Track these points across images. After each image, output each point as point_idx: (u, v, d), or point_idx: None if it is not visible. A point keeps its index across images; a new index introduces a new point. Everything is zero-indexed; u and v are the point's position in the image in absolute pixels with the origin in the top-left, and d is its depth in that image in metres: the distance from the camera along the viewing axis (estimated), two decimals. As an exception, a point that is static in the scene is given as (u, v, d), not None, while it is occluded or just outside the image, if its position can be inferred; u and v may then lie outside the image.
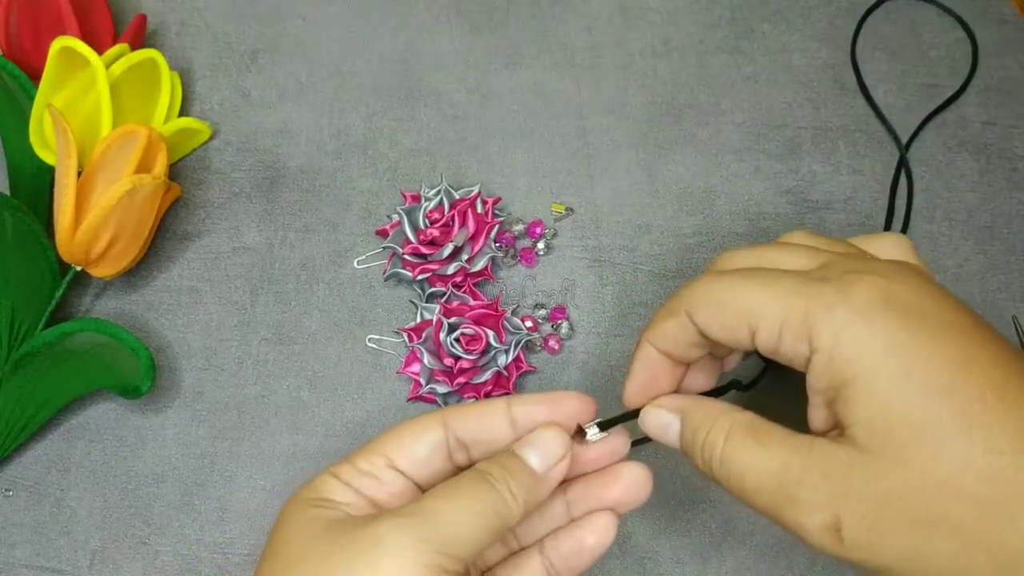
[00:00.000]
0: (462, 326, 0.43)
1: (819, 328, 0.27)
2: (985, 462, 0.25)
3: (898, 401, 0.26)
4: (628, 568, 0.41)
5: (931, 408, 0.25)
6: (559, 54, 0.53)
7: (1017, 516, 0.25)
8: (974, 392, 0.25)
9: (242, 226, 0.48)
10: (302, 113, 0.51)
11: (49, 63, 0.45)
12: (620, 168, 0.49)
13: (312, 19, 0.54)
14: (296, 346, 0.45)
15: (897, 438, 0.26)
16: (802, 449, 0.27)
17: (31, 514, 0.42)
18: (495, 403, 0.31)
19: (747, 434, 0.29)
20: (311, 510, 0.28)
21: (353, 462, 0.30)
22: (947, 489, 0.25)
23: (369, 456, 0.30)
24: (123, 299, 0.46)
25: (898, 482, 0.26)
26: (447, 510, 0.27)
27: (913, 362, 0.26)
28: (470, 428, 0.30)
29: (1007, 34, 0.53)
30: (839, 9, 0.54)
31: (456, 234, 0.44)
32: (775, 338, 0.28)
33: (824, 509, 0.26)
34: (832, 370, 0.27)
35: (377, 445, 0.30)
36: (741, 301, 0.28)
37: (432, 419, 0.30)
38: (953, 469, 0.25)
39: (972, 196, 0.49)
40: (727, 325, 0.29)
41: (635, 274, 0.47)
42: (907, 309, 0.27)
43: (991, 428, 0.25)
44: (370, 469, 0.29)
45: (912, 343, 0.26)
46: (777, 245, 0.32)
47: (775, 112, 0.51)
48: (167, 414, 0.44)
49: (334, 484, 0.29)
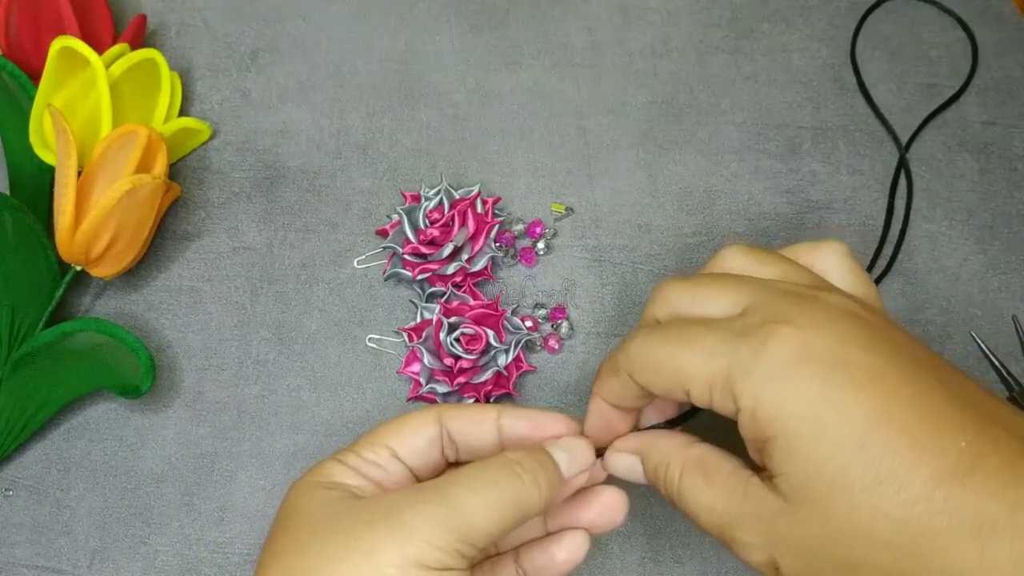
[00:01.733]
0: (462, 326, 0.43)
1: (739, 389, 0.28)
2: (899, 513, 0.26)
3: (813, 458, 0.27)
4: (628, 568, 0.41)
5: (845, 464, 0.26)
6: (559, 54, 0.53)
7: (933, 560, 0.26)
8: (887, 443, 0.26)
9: (242, 226, 0.48)
10: (302, 113, 0.51)
11: (49, 63, 0.45)
12: (620, 168, 0.49)
13: (312, 19, 0.54)
14: (296, 346, 0.45)
15: (815, 492, 0.27)
16: (739, 492, 0.29)
17: (31, 514, 0.42)
18: (487, 409, 0.32)
19: (697, 473, 0.30)
20: (325, 491, 0.29)
21: (357, 451, 0.31)
22: (865, 538, 0.26)
23: (373, 446, 0.31)
24: (123, 299, 0.46)
25: (819, 531, 0.27)
26: (470, 499, 0.28)
27: (828, 417, 0.27)
28: (462, 429, 0.32)
29: (1007, 34, 0.53)
30: (839, 9, 0.54)
31: (456, 234, 0.44)
32: (707, 396, 0.29)
33: (761, 550, 0.28)
34: (755, 428, 0.28)
35: (380, 436, 0.31)
36: (671, 364, 0.29)
37: (430, 414, 0.32)
38: (869, 520, 0.26)
39: (972, 196, 0.49)
40: (662, 386, 0.30)
41: (635, 274, 0.47)
42: (824, 362, 0.27)
43: (903, 480, 0.26)
44: (374, 458, 0.30)
45: (827, 399, 0.27)
46: (707, 280, 0.32)
47: (775, 112, 0.51)
48: (167, 414, 0.44)
49: (341, 469, 0.30)
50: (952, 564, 0.26)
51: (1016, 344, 0.45)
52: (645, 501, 0.42)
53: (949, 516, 0.25)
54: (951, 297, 0.47)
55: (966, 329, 0.46)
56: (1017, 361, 0.45)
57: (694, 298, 0.31)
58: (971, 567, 0.25)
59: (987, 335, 0.45)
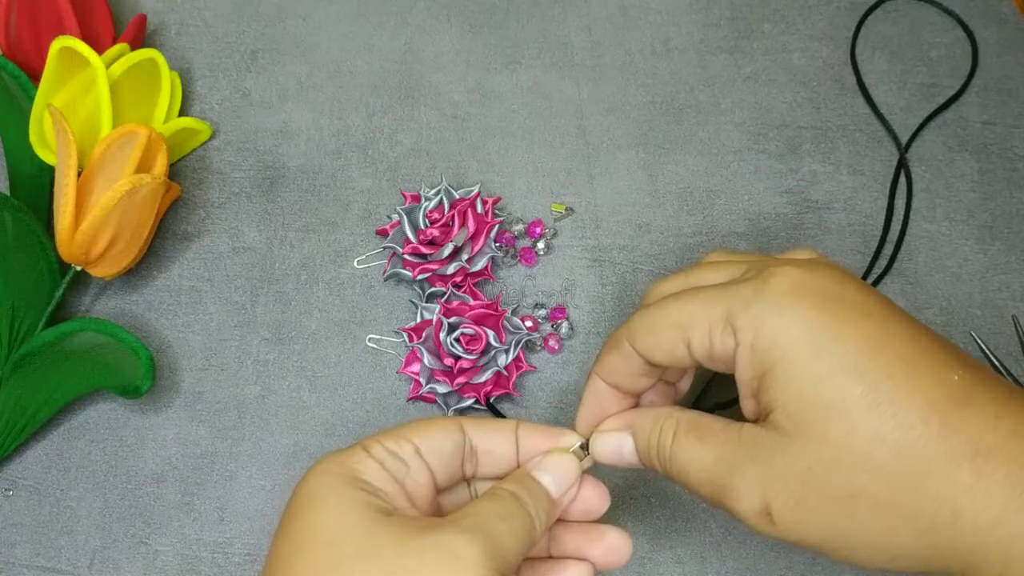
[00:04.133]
0: (462, 326, 0.43)
1: (739, 323, 0.28)
2: (896, 436, 0.26)
3: (812, 383, 0.27)
4: (628, 568, 0.41)
5: (842, 387, 0.27)
6: (559, 54, 0.53)
7: (929, 485, 0.26)
8: (884, 369, 0.27)
9: (242, 226, 0.48)
10: (302, 113, 0.51)
11: (49, 63, 0.45)
12: (620, 168, 0.49)
13: (312, 19, 0.54)
14: (296, 346, 0.45)
15: (812, 418, 0.27)
16: (733, 439, 0.29)
17: (31, 514, 0.42)
18: (507, 422, 0.32)
19: (689, 431, 0.30)
20: (357, 492, 0.28)
21: (382, 442, 0.30)
22: (862, 464, 0.27)
23: (398, 440, 0.30)
24: (123, 299, 0.46)
25: (816, 461, 0.27)
26: (505, 531, 0.28)
27: (826, 344, 0.27)
28: (484, 438, 0.32)
29: (1007, 34, 0.53)
30: (839, 9, 0.54)
31: (456, 234, 0.44)
32: (707, 343, 0.29)
33: (754, 494, 0.28)
34: (753, 361, 0.28)
35: (405, 431, 0.31)
36: (672, 318, 0.30)
37: (453, 421, 0.32)
38: (866, 444, 0.26)
39: (972, 196, 0.49)
40: (664, 344, 0.31)
41: (635, 274, 0.47)
42: (821, 294, 0.28)
43: (900, 403, 0.26)
44: (399, 452, 0.30)
45: (825, 326, 0.27)
46: (700, 266, 0.33)
47: (775, 112, 0.51)
48: (167, 414, 0.44)
49: (369, 463, 0.29)
50: (948, 488, 0.26)
51: (1016, 344, 0.45)
52: (645, 502, 0.42)
53: (945, 441, 0.26)
54: (951, 297, 0.47)
55: (966, 329, 0.46)
56: (1017, 361, 0.45)
57: (689, 279, 0.33)
58: (966, 490, 0.26)
59: (987, 335, 0.45)
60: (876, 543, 0.27)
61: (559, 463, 0.32)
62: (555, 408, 0.44)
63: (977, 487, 0.26)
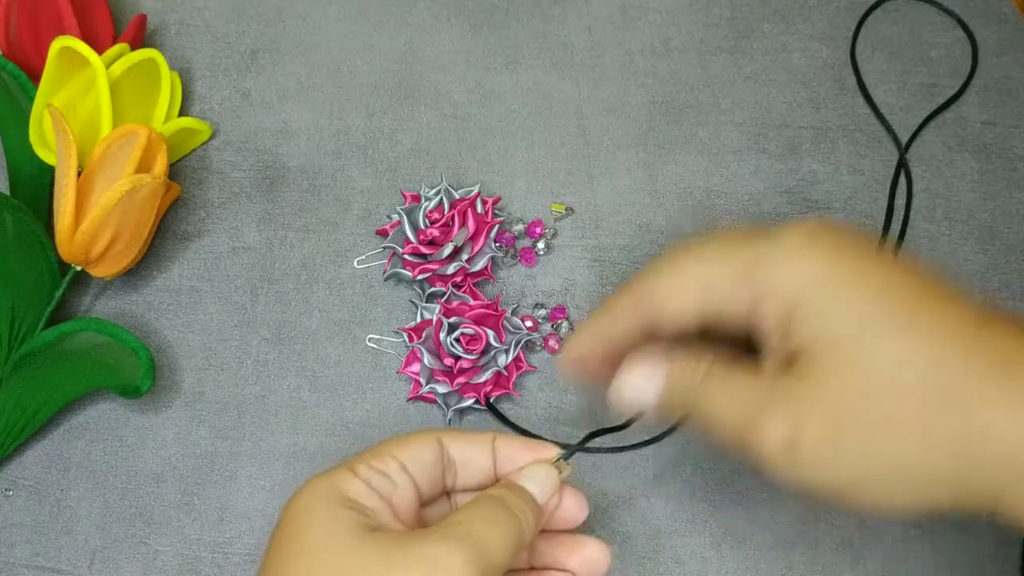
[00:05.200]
0: (462, 326, 0.43)
1: (760, 272, 0.30)
2: (922, 356, 0.27)
3: (834, 317, 0.28)
4: (628, 568, 0.41)
5: (864, 317, 0.28)
6: (559, 54, 0.53)
7: (956, 402, 0.27)
8: (903, 297, 0.28)
9: (242, 226, 0.48)
10: (302, 113, 0.51)
11: (49, 63, 0.45)
12: (620, 168, 0.49)
13: (312, 19, 0.54)
14: (296, 346, 0.45)
15: (838, 351, 0.28)
16: (766, 379, 0.30)
17: (31, 514, 0.42)
18: (484, 434, 0.33)
19: (719, 376, 0.31)
20: (344, 511, 0.29)
21: (367, 461, 0.30)
22: (892, 388, 0.27)
23: (382, 457, 0.31)
24: (123, 299, 0.46)
25: (846, 391, 0.28)
26: (490, 535, 0.29)
27: (844, 279, 0.29)
28: (462, 450, 0.32)
29: (1007, 34, 0.53)
30: (839, 9, 0.54)
31: (456, 234, 0.44)
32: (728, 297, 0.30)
33: (780, 429, 0.28)
34: (776, 308, 0.29)
35: (387, 448, 0.31)
36: (692, 268, 0.31)
37: (431, 433, 0.32)
38: (895, 368, 0.27)
39: (972, 196, 0.49)
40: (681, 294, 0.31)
41: (635, 274, 0.47)
42: (835, 242, 0.29)
43: (923, 326, 0.27)
44: (384, 469, 0.30)
45: (841, 265, 0.29)
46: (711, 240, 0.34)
47: (775, 112, 0.51)
48: (167, 414, 0.44)
49: (355, 482, 0.30)
50: (975, 403, 0.26)
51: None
52: (645, 501, 0.42)
53: (970, 357, 0.27)
54: (951, 297, 0.47)
55: (966, 329, 0.46)
56: (1017, 361, 0.45)
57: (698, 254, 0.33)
58: (992, 402, 0.26)
59: (987, 335, 0.45)
60: (905, 474, 0.28)
61: (541, 471, 0.32)
62: (555, 408, 0.44)
63: (1003, 400, 0.26)
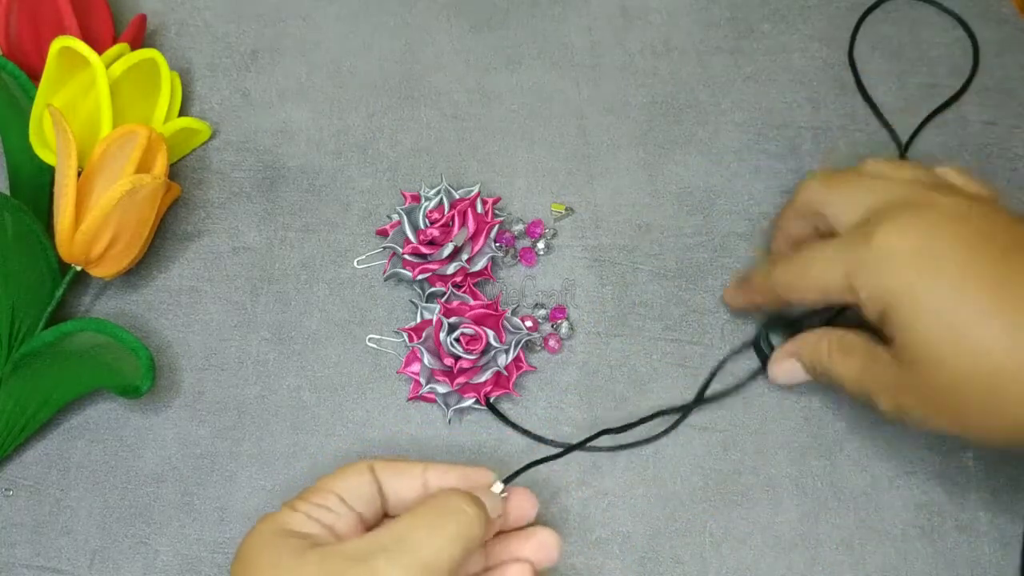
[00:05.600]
0: (462, 326, 0.43)
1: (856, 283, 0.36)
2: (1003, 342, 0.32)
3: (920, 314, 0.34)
4: (628, 568, 0.41)
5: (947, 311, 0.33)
6: (559, 54, 0.53)
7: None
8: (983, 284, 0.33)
9: (242, 226, 0.48)
10: (302, 113, 0.51)
11: (49, 63, 0.45)
12: (620, 168, 0.49)
13: (312, 19, 0.54)
14: (296, 346, 0.45)
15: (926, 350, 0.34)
16: (869, 359, 0.37)
17: (31, 514, 0.42)
18: (414, 465, 0.35)
19: (839, 350, 0.39)
20: (288, 539, 0.31)
21: (307, 499, 0.32)
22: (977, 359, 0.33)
23: (321, 492, 0.33)
24: (123, 299, 0.46)
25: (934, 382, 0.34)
26: (428, 540, 0.30)
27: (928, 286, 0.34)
28: (391, 480, 0.34)
29: (1007, 34, 0.53)
30: (839, 9, 0.54)
31: (456, 234, 0.44)
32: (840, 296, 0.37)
33: (890, 401, 0.36)
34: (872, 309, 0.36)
35: (325, 483, 0.33)
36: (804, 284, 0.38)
37: (364, 464, 0.34)
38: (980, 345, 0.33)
39: (972, 196, 0.49)
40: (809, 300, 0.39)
41: (635, 274, 0.47)
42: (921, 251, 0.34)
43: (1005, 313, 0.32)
44: (324, 503, 0.32)
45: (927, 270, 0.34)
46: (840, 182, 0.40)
47: (775, 112, 0.51)
48: (167, 414, 0.44)
49: (297, 517, 0.32)
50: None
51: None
52: (645, 502, 0.42)
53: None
54: (951, 297, 0.47)
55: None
56: (1017, 361, 0.45)
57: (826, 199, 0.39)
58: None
59: (987, 335, 0.45)
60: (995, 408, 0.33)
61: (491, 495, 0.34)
62: (555, 408, 0.44)
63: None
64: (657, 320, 0.46)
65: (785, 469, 0.43)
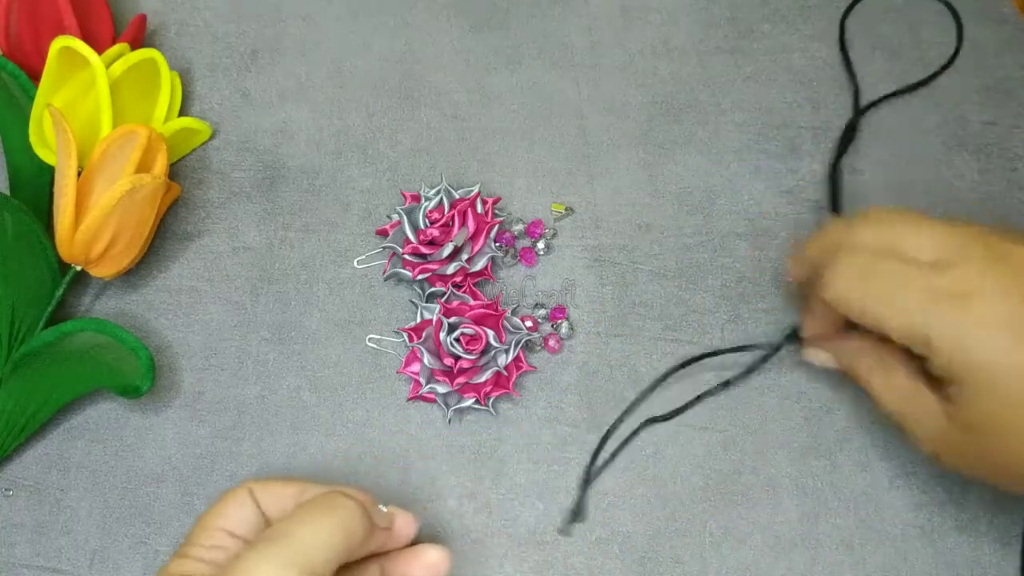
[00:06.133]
0: (462, 326, 0.43)
1: (936, 344, 0.34)
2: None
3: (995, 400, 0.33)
4: (628, 568, 0.41)
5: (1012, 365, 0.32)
6: (559, 54, 0.53)
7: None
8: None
9: (242, 226, 0.48)
10: (302, 113, 0.51)
11: (49, 63, 0.45)
12: (620, 168, 0.49)
13: (312, 19, 0.54)
14: (296, 346, 0.45)
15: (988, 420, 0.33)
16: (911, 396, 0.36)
17: (31, 514, 0.42)
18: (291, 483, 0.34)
19: (879, 372, 0.38)
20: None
21: (195, 542, 0.32)
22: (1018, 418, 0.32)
23: (207, 531, 0.33)
24: (123, 299, 0.46)
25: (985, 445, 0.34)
26: (306, 532, 0.30)
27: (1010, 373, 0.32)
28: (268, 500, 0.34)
29: (1007, 34, 0.53)
30: (839, 9, 0.54)
31: (456, 234, 0.44)
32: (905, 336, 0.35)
33: (926, 442, 0.36)
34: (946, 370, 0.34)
35: (208, 521, 0.33)
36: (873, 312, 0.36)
37: (242, 489, 0.34)
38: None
39: (972, 196, 0.49)
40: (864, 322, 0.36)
41: (635, 274, 0.47)
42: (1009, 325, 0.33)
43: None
44: (213, 542, 0.32)
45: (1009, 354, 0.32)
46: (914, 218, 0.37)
47: (775, 112, 0.51)
48: (167, 414, 0.44)
49: (186, 562, 0.31)
50: None
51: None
52: (645, 502, 0.42)
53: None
54: (951, 297, 0.47)
55: (966, 329, 0.46)
56: (1017, 361, 0.45)
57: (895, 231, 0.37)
58: None
59: (987, 335, 0.45)
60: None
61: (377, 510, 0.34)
62: (555, 408, 0.44)
63: None
64: (657, 320, 0.46)
65: (785, 469, 0.43)
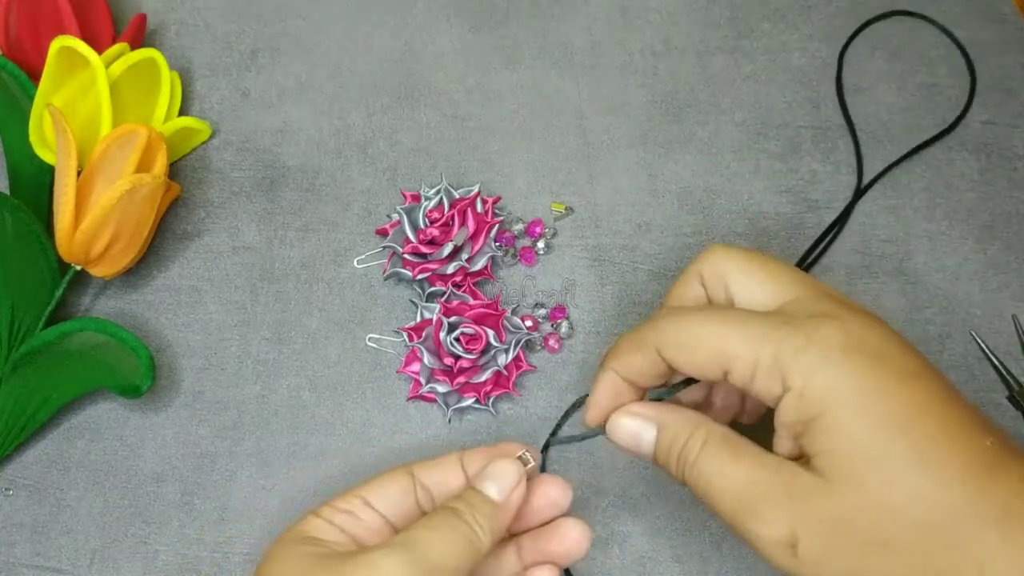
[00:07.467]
0: (462, 325, 0.43)
1: (790, 370, 0.29)
2: (933, 494, 0.27)
3: (859, 434, 0.28)
4: (628, 568, 0.41)
5: (888, 442, 0.28)
6: (559, 54, 0.53)
7: (958, 543, 0.27)
8: (926, 430, 0.28)
9: (242, 225, 0.48)
10: (302, 113, 0.51)
11: (49, 63, 0.45)
12: (620, 168, 0.49)
13: (312, 19, 0.54)
14: (296, 346, 0.45)
15: (855, 468, 0.28)
16: (771, 467, 0.30)
17: (31, 514, 0.42)
18: (450, 456, 0.34)
19: (722, 446, 0.31)
20: (301, 547, 0.31)
21: (331, 503, 0.33)
22: (897, 516, 0.27)
23: (346, 497, 0.33)
24: (123, 299, 0.46)
25: (852, 507, 0.28)
26: (431, 540, 0.30)
27: (876, 401, 0.28)
28: (431, 476, 0.34)
29: (1007, 34, 0.53)
30: (839, 9, 0.54)
31: (456, 233, 0.44)
32: (748, 378, 0.30)
33: (783, 525, 0.29)
34: (800, 407, 0.29)
35: (353, 489, 0.33)
36: (712, 343, 0.30)
37: (401, 469, 0.34)
38: (904, 498, 0.27)
39: (972, 195, 0.49)
40: (698, 364, 0.31)
41: (635, 274, 0.47)
42: (873, 353, 0.29)
43: (940, 463, 0.28)
44: (348, 507, 0.33)
45: (874, 383, 0.28)
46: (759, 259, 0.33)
47: (775, 111, 0.51)
48: (167, 414, 0.44)
49: (317, 522, 0.32)
50: (976, 548, 0.27)
51: (1016, 343, 0.45)
52: (645, 501, 0.42)
53: (976, 503, 0.27)
54: (951, 296, 0.47)
55: (966, 328, 0.46)
56: (1017, 361, 0.45)
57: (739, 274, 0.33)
58: (992, 552, 0.27)
59: (987, 334, 0.45)
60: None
61: (499, 468, 0.32)
62: (555, 408, 0.44)
63: (1002, 550, 0.27)
64: (657, 320, 0.46)
65: (785, 469, 0.43)
